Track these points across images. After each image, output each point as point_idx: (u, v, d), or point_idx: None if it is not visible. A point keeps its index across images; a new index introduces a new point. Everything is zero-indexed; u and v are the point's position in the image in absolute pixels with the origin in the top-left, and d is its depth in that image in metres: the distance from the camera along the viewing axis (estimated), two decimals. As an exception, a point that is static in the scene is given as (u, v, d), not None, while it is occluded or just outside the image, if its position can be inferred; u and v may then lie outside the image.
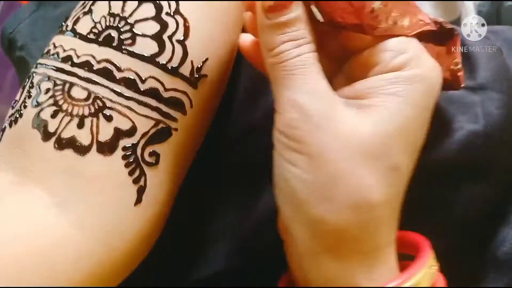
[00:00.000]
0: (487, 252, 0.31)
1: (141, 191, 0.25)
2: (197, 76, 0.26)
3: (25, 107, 0.26)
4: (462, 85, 0.27)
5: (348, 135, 0.22)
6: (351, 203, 0.22)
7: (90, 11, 0.26)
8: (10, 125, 0.26)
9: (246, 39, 0.27)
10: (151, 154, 0.25)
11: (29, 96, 0.26)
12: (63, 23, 0.28)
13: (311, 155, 0.22)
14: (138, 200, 0.25)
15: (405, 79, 0.22)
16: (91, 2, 0.27)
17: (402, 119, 0.22)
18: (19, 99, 0.27)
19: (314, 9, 0.23)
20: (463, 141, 0.29)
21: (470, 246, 0.31)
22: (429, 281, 0.23)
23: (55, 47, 0.26)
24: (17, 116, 0.26)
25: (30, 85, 0.26)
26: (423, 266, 0.23)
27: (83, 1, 0.27)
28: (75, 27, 0.26)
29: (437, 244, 0.30)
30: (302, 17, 0.23)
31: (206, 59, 0.26)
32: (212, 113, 0.29)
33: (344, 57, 0.25)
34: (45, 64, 0.26)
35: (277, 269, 0.31)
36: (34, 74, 0.26)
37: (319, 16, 0.23)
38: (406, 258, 0.25)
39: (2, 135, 0.26)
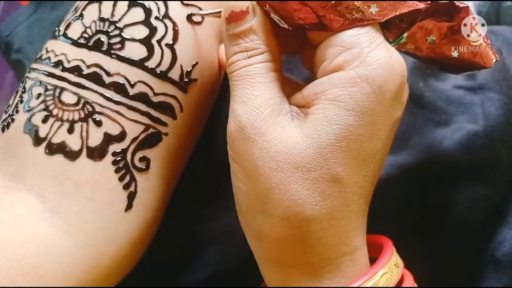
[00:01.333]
0: (487, 252, 0.31)
1: (131, 197, 0.25)
2: (186, 80, 0.26)
3: (17, 112, 0.26)
4: (491, 62, 0.25)
5: (282, 149, 0.21)
6: (285, 217, 0.21)
7: (81, 16, 0.26)
8: (3, 130, 0.26)
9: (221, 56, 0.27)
10: (142, 159, 0.25)
11: (21, 101, 0.26)
12: (57, 28, 0.28)
13: (245, 167, 0.21)
14: (129, 206, 0.25)
15: (346, 80, 0.20)
16: (82, 7, 0.26)
17: (340, 128, 0.20)
18: (12, 104, 0.27)
19: (274, 16, 0.23)
20: (462, 141, 0.29)
21: (470, 246, 0.31)
22: (393, 280, 0.23)
23: (47, 52, 0.26)
24: (9, 121, 0.26)
25: (23, 90, 0.26)
26: (382, 267, 0.22)
27: (75, 6, 0.27)
28: (66, 31, 0.26)
29: (437, 244, 0.30)
30: (257, 28, 0.22)
31: (196, 63, 0.26)
32: (205, 116, 0.29)
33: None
34: (37, 69, 0.26)
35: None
36: (26, 79, 0.26)
37: (281, 23, 0.23)
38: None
39: None
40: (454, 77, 0.34)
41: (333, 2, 0.21)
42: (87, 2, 0.27)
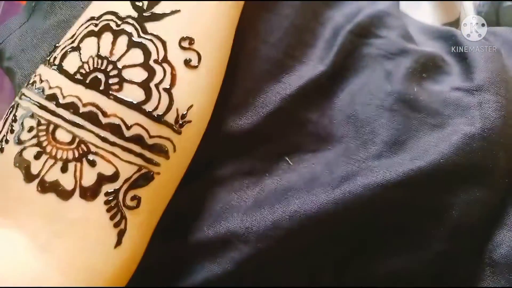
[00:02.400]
0: (484, 255, 0.30)
1: (121, 234, 0.25)
2: (181, 122, 0.26)
3: (6, 142, 0.25)
4: None
5: None
6: None
7: (78, 48, 0.25)
8: None
9: None
10: (133, 198, 0.25)
11: (11, 131, 0.25)
12: (51, 53, 0.27)
13: None
14: (118, 243, 0.25)
15: None
16: (80, 37, 0.26)
17: None
18: (1, 131, 0.26)
19: None
20: (460, 144, 0.29)
21: (468, 248, 0.31)
22: None
23: (41, 80, 0.26)
24: None
25: (13, 118, 0.26)
26: None
27: (73, 33, 0.27)
28: (62, 63, 0.25)
29: (436, 246, 0.30)
30: None
31: (191, 106, 0.26)
32: (194, 151, 0.29)
33: None
34: (30, 98, 0.25)
35: (271, 273, 0.31)
36: (18, 107, 0.26)
37: None
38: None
39: None
40: (451, 79, 0.33)
41: None
42: (84, 32, 0.26)
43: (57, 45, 0.27)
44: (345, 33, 0.34)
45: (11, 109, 0.26)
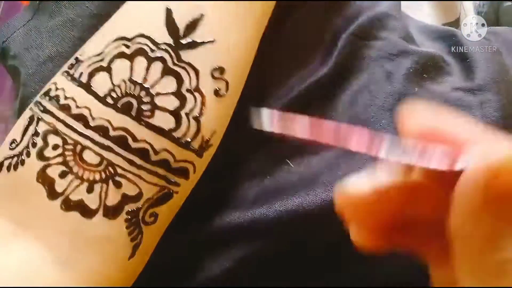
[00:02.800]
0: None
1: (136, 247, 0.26)
2: (205, 147, 0.27)
3: (28, 155, 0.25)
4: None
5: None
6: None
7: (109, 69, 0.25)
8: (8, 169, 0.25)
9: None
10: (151, 215, 0.26)
11: (33, 145, 0.25)
12: (71, 66, 0.26)
13: None
14: (133, 255, 0.26)
15: None
16: (109, 57, 0.25)
17: None
18: (20, 142, 0.26)
19: None
20: None
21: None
22: None
23: (65, 97, 0.25)
24: (18, 161, 0.25)
25: (34, 131, 0.25)
26: None
27: (100, 49, 0.26)
28: (90, 82, 0.25)
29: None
30: None
31: (214, 132, 0.27)
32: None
33: None
34: (52, 113, 0.25)
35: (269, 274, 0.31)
36: (38, 119, 0.25)
37: None
38: None
39: None
40: (452, 80, 0.33)
41: None
42: (115, 53, 0.25)
43: (78, 57, 0.26)
44: (346, 36, 0.34)
45: (28, 120, 0.26)
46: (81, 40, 0.32)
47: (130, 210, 0.25)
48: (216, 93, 0.26)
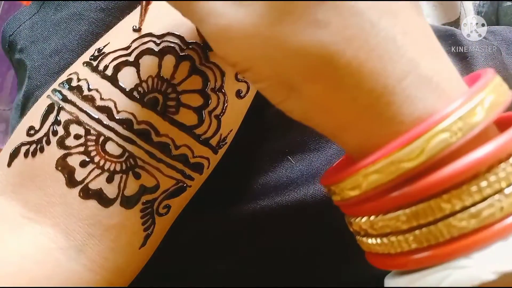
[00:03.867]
0: None
1: (147, 237, 0.26)
2: (221, 144, 0.27)
3: (48, 142, 0.25)
4: None
5: None
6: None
7: (136, 64, 0.25)
8: (26, 155, 0.26)
9: None
10: (165, 207, 0.26)
11: (54, 133, 0.25)
12: (94, 58, 0.27)
13: None
14: (143, 245, 0.26)
15: None
16: (137, 52, 0.26)
17: None
18: (39, 129, 0.26)
19: None
20: None
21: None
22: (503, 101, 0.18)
23: (89, 89, 0.26)
24: (37, 148, 0.26)
25: (54, 119, 0.26)
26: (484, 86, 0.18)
27: (127, 43, 0.26)
28: (117, 76, 0.25)
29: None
30: None
31: (231, 130, 0.28)
32: None
33: None
34: (75, 103, 0.25)
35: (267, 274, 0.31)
36: (60, 108, 0.26)
37: None
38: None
39: (11, 160, 0.26)
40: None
41: None
42: (143, 48, 0.26)
43: (101, 48, 0.27)
44: None
45: (48, 108, 0.26)
46: (88, 33, 0.32)
47: (146, 201, 0.25)
48: (238, 94, 0.27)
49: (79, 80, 0.26)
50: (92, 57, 0.27)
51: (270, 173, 0.32)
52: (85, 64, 0.27)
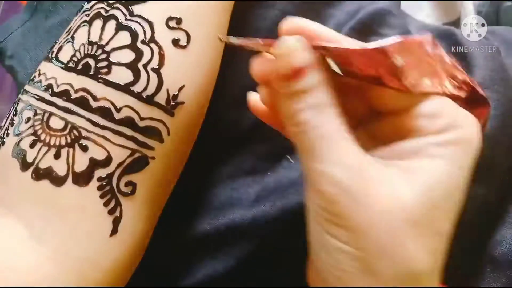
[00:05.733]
0: (485, 252, 0.30)
1: (116, 222, 0.25)
2: (173, 103, 0.26)
3: (7, 135, 0.26)
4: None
5: (391, 206, 0.19)
6: (398, 276, 0.20)
7: (72, 39, 0.26)
8: None
9: (256, 97, 0.26)
10: (127, 184, 0.25)
11: (12, 124, 0.26)
12: (50, 50, 0.27)
13: (352, 230, 0.20)
14: (114, 231, 0.25)
15: (450, 141, 0.20)
16: (74, 29, 0.26)
17: (448, 184, 0.20)
18: (3, 126, 0.26)
19: (330, 61, 0.21)
20: None
21: (468, 246, 0.31)
22: None
23: (39, 74, 0.26)
24: (0, 143, 0.26)
25: (14, 112, 0.26)
26: None
27: (69, 27, 0.27)
28: (58, 54, 0.26)
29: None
30: (322, 81, 0.20)
31: (182, 86, 0.26)
32: (192, 139, 0.29)
33: (364, 112, 0.23)
34: (29, 92, 0.26)
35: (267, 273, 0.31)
36: (19, 102, 0.26)
37: (335, 68, 0.21)
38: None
39: None
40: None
41: (397, 68, 0.20)
42: (78, 23, 0.26)
43: (56, 41, 0.28)
44: (346, 30, 0.34)
45: (13, 105, 0.27)
46: None
47: (101, 176, 0.24)
48: (175, 43, 0.26)
49: (39, 74, 0.27)
50: (49, 49, 0.27)
51: (269, 173, 0.32)
52: (44, 60, 0.27)
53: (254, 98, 0.25)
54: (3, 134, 0.26)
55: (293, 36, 0.21)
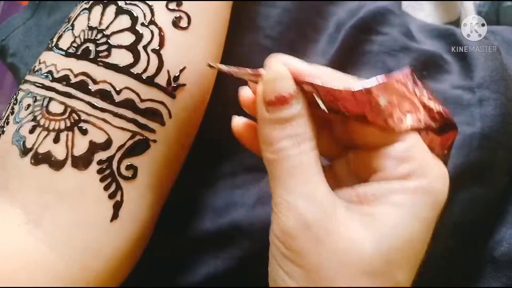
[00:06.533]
0: (485, 252, 0.30)
1: (117, 207, 0.24)
2: (174, 85, 0.26)
3: (7, 123, 0.26)
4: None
5: (349, 251, 0.19)
6: None
7: (72, 26, 0.26)
8: None
9: (239, 121, 0.25)
10: (128, 167, 0.25)
11: (12, 113, 0.26)
12: (50, 40, 0.28)
13: (308, 269, 0.20)
14: (115, 216, 0.24)
15: (410, 190, 0.20)
16: (74, 17, 0.27)
17: (406, 234, 0.20)
18: (4, 116, 0.27)
19: (316, 96, 0.21)
20: (459, 144, 0.29)
21: (468, 246, 0.31)
22: None
23: (39, 63, 0.26)
24: (0, 133, 0.26)
25: (14, 102, 0.26)
26: None
27: (69, 17, 0.28)
28: (58, 42, 0.26)
29: (436, 245, 0.30)
30: (303, 112, 0.21)
31: (184, 68, 0.26)
32: (195, 124, 0.29)
33: (349, 141, 0.23)
34: (30, 81, 0.26)
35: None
36: (19, 91, 0.26)
37: (321, 104, 0.21)
38: None
39: None
40: (451, 78, 0.34)
41: (380, 107, 0.21)
42: (78, 12, 0.27)
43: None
44: (347, 28, 0.34)
45: (14, 95, 0.27)
46: None
47: (101, 159, 0.24)
48: (175, 24, 0.26)
49: (39, 63, 0.27)
50: (50, 42, 0.28)
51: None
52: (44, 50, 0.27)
53: (237, 123, 0.25)
54: (4, 123, 0.26)
55: (282, 64, 0.21)
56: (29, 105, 0.25)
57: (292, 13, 0.34)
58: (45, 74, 0.25)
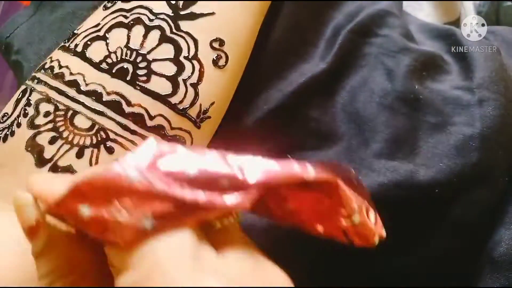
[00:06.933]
0: (484, 253, 0.30)
1: None
2: (202, 117, 0.27)
3: (18, 125, 0.25)
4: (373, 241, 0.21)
5: None
6: None
7: (105, 38, 0.26)
8: None
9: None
10: None
11: (25, 115, 0.25)
12: (68, 40, 0.27)
13: None
14: None
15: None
16: (107, 27, 0.26)
17: None
18: (11, 114, 0.26)
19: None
20: (459, 144, 0.29)
21: (467, 246, 0.31)
22: None
23: (60, 66, 0.26)
24: (8, 133, 0.25)
25: (26, 102, 0.25)
26: None
27: (96, 22, 0.27)
28: (86, 51, 0.26)
29: (436, 245, 0.30)
30: (50, 247, 0.18)
31: (213, 103, 0.27)
32: (206, 145, 0.30)
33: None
34: (46, 82, 0.25)
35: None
36: (31, 91, 0.26)
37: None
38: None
39: None
40: (451, 78, 0.34)
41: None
42: (112, 22, 0.26)
43: (76, 32, 0.27)
44: (345, 32, 0.34)
45: (21, 93, 0.26)
46: None
47: None
48: (215, 63, 0.27)
49: (52, 61, 0.26)
50: (66, 40, 0.27)
51: None
52: (59, 48, 0.27)
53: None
54: (13, 124, 0.25)
55: (27, 192, 0.19)
56: (48, 113, 0.25)
57: (291, 16, 0.34)
58: (69, 82, 0.25)
